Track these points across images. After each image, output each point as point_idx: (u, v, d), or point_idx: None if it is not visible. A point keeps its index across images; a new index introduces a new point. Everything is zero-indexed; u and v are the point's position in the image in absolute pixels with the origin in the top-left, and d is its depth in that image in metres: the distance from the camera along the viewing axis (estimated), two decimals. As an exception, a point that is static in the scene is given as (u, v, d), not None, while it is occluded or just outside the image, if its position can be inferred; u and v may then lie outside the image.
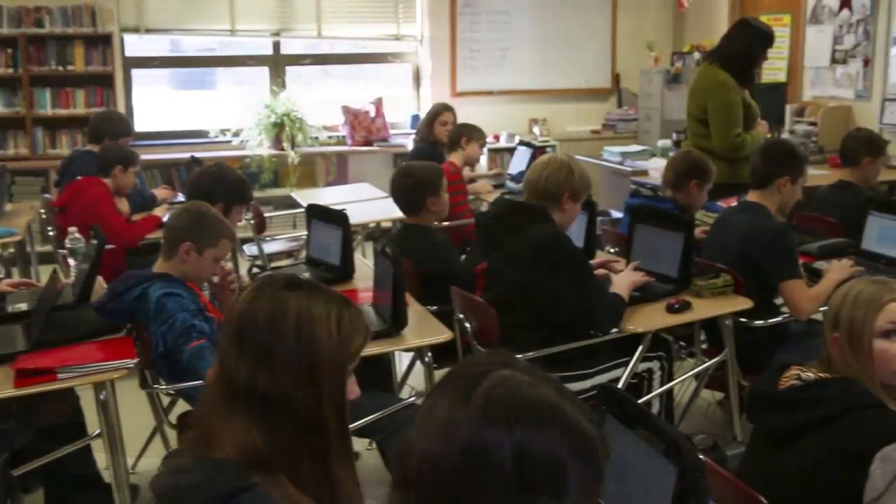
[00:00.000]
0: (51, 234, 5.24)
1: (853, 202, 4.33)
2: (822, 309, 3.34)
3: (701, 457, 1.63)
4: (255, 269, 5.57)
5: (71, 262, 4.03)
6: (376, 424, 3.04)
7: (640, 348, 3.33)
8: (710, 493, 1.69)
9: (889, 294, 2.20)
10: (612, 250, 4.43)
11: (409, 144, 7.56)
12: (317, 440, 1.55)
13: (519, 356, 3.17)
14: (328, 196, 6.20)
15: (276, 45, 8.11)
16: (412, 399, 3.37)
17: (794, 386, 2.20)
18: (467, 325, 3.41)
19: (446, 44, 8.39)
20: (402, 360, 4.41)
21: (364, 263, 4.22)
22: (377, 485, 3.11)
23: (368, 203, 5.96)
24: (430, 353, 3.22)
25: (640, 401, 3.41)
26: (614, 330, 3.32)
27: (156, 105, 8.08)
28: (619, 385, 3.30)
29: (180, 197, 5.55)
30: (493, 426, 1.13)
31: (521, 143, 6.89)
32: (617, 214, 5.57)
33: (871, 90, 7.18)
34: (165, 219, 4.46)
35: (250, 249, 5.86)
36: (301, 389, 1.54)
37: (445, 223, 5.06)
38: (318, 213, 4.21)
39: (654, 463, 1.70)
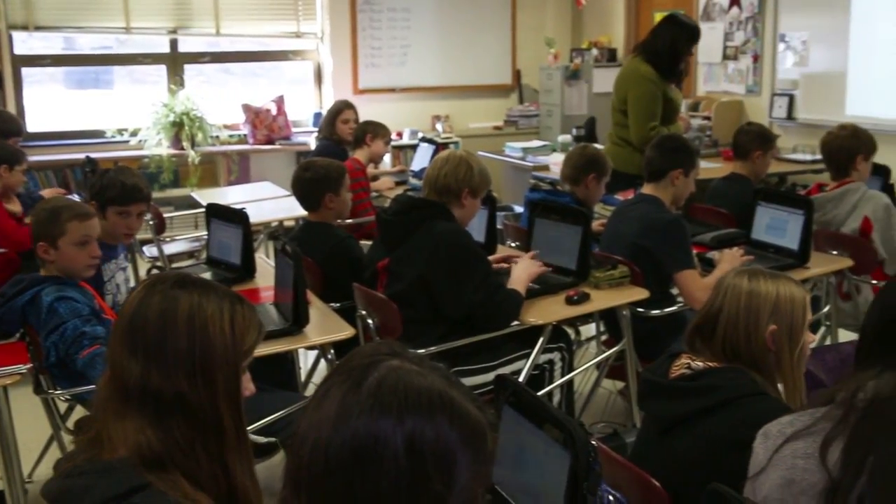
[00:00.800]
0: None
1: (744, 194, 4.46)
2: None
3: (594, 442, 1.67)
4: (155, 271, 5.47)
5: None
6: (280, 423, 3.03)
7: (541, 340, 3.39)
8: (602, 477, 1.73)
9: (803, 288, 2.28)
10: (513, 244, 4.49)
11: (312, 142, 7.52)
12: (213, 437, 1.55)
13: (421, 350, 3.21)
14: (230, 195, 6.13)
15: (174, 43, 7.96)
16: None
17: (684, 375, 2.23)
18: (370, 321, 3.42)
19: (347, 41, 8.36)
20: (307, 359, 4.39)
21: (266, 262, 4.19)
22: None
23: (271, 202, 5.92)
24: (332, 351, 3.22)
25: (541, 392, 3.47)
26: (515, 322, 3.37)
27: (50, 105, 7.85)
28: (521, 377, 3.35)
29: (75, 198, 5.41)
30: (385, 416, 1.15)
31: (423, 139, 6.93)
32: (519, 209, 5.64)
33: (761, 85, 7.43)
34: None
35: (150, 251, 5.76)
36: (195, 387, 1.53)
37: (349, 220, 5.05)
38: (217, 213, 4.16)
39: (549, 450, 1.74)
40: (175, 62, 8.00)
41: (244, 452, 1.60)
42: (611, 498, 1.99)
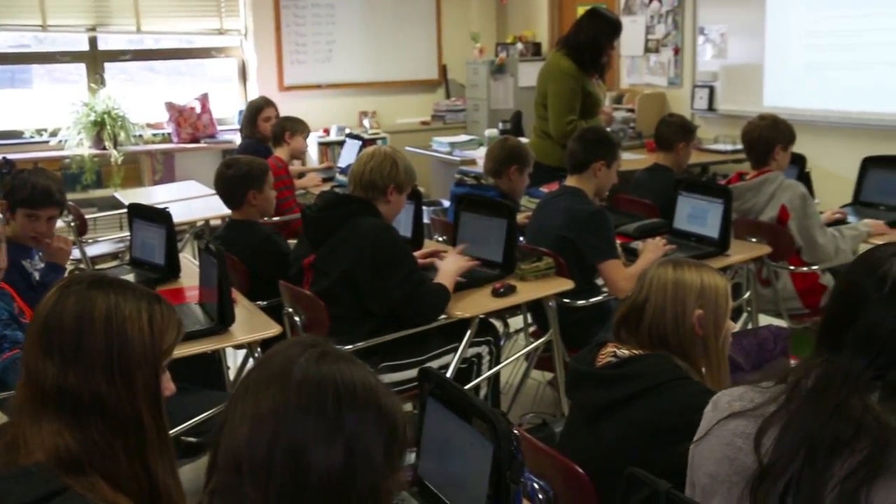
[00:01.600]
0: None
1: (667, 184, 4.53)
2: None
3: (516, 432, 1.69)
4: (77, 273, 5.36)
5: None
6: (208, 423, 3.00)
7: (468, 333, 3.41)
8: (525, 466, 1.75)
9: (724, 277, 2.34)
10: (440, 239, 4.51)
11: (238, 140, 7.44)
12: (133, 438, 1.53)
13: (348, 347, 3.21)
14: (155, 195, 6.04)
15: (93, 41, 7.81)
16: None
17: (610, 363, 2.27)
18: (297, 318, 3.40)
19: (271, 38, 8.29)
20: (237, 358, 4.35)
21: (191, 262, 4.14)
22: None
23: (196, 200, 5.84)
24: (260, 349, 3.20)
25: (469, 384, 3.49)
26: (443, 316, 3.39)
27: (-36, 105, 7.66)
28: (449, 370, 3.37)
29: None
30: (316, 414, 1.15)
31: (350, 135, 6.91)
32: (447, 203, 5.66)
33: (682, 77, 7.56)
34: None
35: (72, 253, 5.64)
36: (114, 388, 1.51)
37: (276, 218, 5.02)
38: (140, 213, 4.11)
39: (473, 441, 1.75)
40: (95, 60, 7.85)
41: (166, 452, 1.59)
42: (535, 486, 2.02)
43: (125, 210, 5.45)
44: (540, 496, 2.02)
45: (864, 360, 1.51)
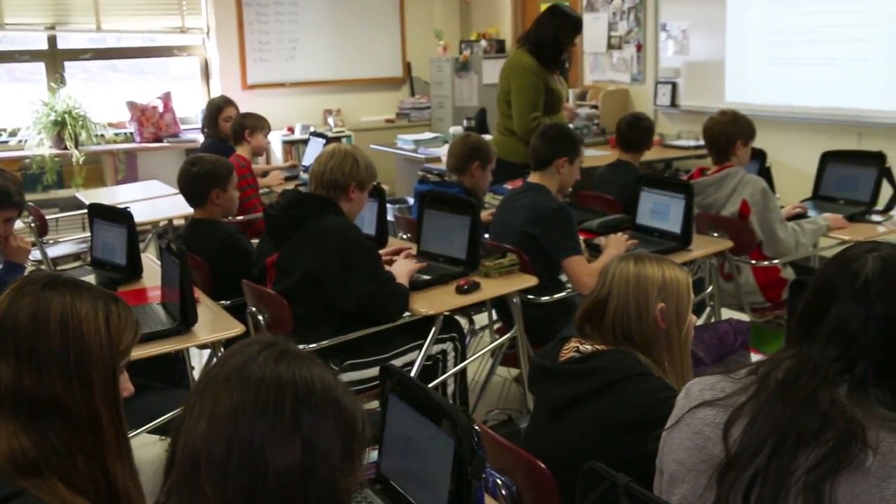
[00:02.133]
0: None
1: (630, 180, 4.56)
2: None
3: (477, 428, 1.70)
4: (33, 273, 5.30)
5: None
6: (172, 423, 2.98)
7: (433, 330, 3.41)
8: (486, 462, 1.76)
9: (685, 271, 2.36)
10: (404, 236, 4.50)
11: (201, 139, 7.39)
12: (90, 439, 1.52)
13: (313, 345, 3.20)
14: (118, 195, 6.00)
15: (52, 40, 7.72)
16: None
17: (572, 358, 2.28)
18: (260, 317, 3.39)
19: (234, 36, 8.24)
20: (202, 358, 4.33)
21: (154, 262, 4.10)
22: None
23: (159, 200, 5.81)
24: (223, 349, 3.18)
25: (434, 382, 3.50)
26: (407, 313, 3.39)
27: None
28: (414, 368, 3.37)
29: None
30: (273, 416, 1.15)
31: (314, 133, 6.88)
32: (412, 201, 5.66)
33: (645, 74, 7.61)
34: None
35: (32, 254, 5.58)
36: (70, 389, 1.50)
37: (239, 217, 4.99)
38: (100, 213, 4.07)
39: (435, 437, 1.75)
40: (55, 59, 7.76)
41: (124, 453, 1.58)
42: (498, 482, 2.03)
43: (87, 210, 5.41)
44: (503, 492, 2.03)
45: (834, 353, 1.53)
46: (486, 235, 4.06)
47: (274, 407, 1.16)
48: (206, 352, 4.17)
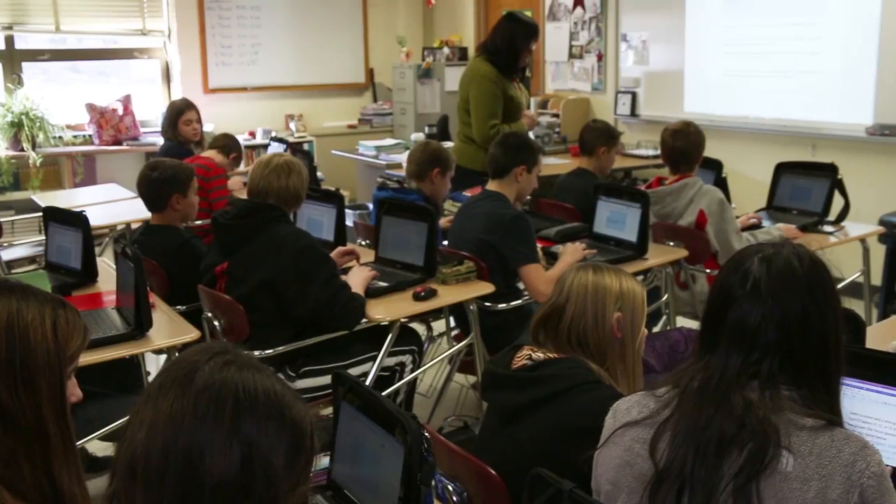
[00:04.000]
0: None
1: (589, 188, 4.59)
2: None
3: (426, 434, 1.71)
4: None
5: None
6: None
7: (390, 337, 3.41)
8: (436, 468, 1.77)
9: (640, 283, 2.39)
10: (363, 242, 4.51)
11: (161, 142, 7.33)
12: (37, 446, 1.51)
13: (269, 352, 3.19)
14: (75, 198, 5.94)
15: (10, 40, 7.64)
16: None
17: (525, 365, 2.30)
18: (216, 323, 3.38)
19: (195, 39, 8.20)
20: (158, 364, 4.30)
21: (110, 266, 4.07)
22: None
23: (118, 204, 5.77)
24: (178, 354, 3.17)
25: (388, 390, 3.50)
26: (364, 321, 3.39)
27: None
28: (369, 377, 3.37)
29: None
30: (215, 422, 1.15)
31: (274, 139, 6.87)
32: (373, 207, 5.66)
33: (606, 83, 7.67)
34: None
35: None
36: (16, 396, 1.49)
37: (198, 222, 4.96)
38: (55, 216, 4.03)
39: (385, 443, 1.76)
40: (12, 59, 7.67)
41: (71, 459, 1.56)
42: (450, 488, 2.04)
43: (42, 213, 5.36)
44: (454, 498, 2.04)
45: (738, 356, 1.58)
46: (445, 242, 4.08)
47: (213, 414, 1.15)
48: (163, 357, 4.16)
